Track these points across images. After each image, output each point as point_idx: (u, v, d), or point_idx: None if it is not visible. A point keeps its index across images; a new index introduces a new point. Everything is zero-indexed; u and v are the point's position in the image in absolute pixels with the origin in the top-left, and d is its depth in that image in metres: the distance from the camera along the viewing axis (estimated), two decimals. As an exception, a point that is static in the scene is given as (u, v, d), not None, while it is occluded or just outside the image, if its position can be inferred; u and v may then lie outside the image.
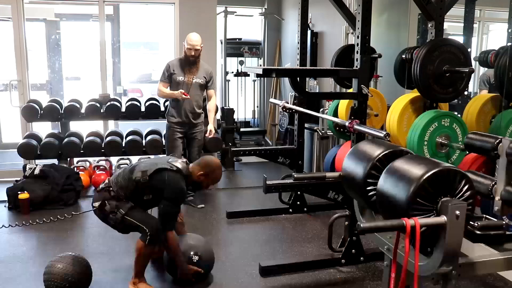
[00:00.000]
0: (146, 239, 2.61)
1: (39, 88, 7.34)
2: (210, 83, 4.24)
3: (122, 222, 2.66)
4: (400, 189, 1.55)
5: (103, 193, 2.72)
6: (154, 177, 2.64)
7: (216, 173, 2.79)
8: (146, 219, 2.67)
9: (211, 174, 2.77)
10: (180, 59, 4.20)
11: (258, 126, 7.60)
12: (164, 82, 4.17)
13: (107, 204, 2.68)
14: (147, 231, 2.61)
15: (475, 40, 4.04)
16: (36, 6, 7.11)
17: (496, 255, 1.94)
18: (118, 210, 2.65)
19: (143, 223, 2.63)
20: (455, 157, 2.73)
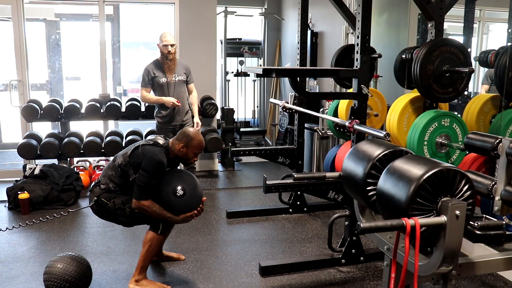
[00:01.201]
0: (159, 229, 2.64)
1: (39, 88, 7.33)
2: (189, 78, 4.27)
3: (132, 215, 2.67)
4: (400, 189, 1.55)
5: (94, 190, 2.74)
6: (132, 155, 2.66)
7: (195, 141, 2.73)
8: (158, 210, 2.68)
9: (191, 143, 2.71)
10: (156, 61, 4.18)
11: (258, 126, 7.61)
12: (146, 87, 4.15)
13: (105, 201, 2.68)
14: (160, 221, 2.64)
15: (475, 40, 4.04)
16: (36, 6, 7.11)
17: (496, 255, 1.94)
18: (125, 205, 2.66)
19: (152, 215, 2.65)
20: (455, 157, 2.73)
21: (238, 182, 5.25)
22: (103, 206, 2.70)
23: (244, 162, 6.20)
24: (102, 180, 2.74)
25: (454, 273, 1.64)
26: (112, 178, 2.72)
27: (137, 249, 3.33)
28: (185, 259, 3.16)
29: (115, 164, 2.72)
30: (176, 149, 2.73)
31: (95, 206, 2.73)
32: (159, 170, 2.62)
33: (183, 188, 2.64)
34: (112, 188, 2.71)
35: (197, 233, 3.65)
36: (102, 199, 2.70)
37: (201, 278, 2.90)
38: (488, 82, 3.85)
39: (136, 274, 2.70)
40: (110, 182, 2.72)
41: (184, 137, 2.73)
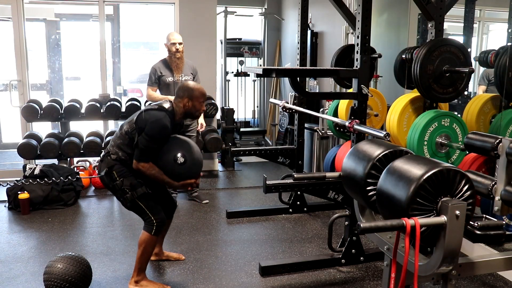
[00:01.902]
0: (152, 229, 2.62)
1: (39, 88, 7.33)
2: (196, 78, 4.25)
3: (132, 202, 2.63)
4: (400, 189, 1.55)
5: (105, 160, 2.67)
6: (138, 120, 2.61)
7: (197, 91, 2.67)
8: (156, 209, 2.66)
9: (193, 94, 2.66)
10: (164, 60, 4.17)
11: (258, 126, 7.61)
12: (152, 86, 4.12)
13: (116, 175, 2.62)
14: (154, 221, 2.62)
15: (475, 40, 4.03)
16: (36, 6, 7.11)
17: (496, 255, 1.94)
18: (131, 191, 2.61)
19: (152, 212, 2.63)
20: (455, 157, 2.73)
21: (238, 182, 5.25)
22: (112, 179, 2.63)
23: (244, 162, 6.20)
24: (112, 150, 2.67)
25: (454, 273, 1.64)
26: (121, 147, 2.65)
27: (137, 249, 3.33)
28: (185, 259, 3.16)
29: (122, 132, 2.67)
30: (182, 106, 2.67)
31: (105, 178, 2.67)
32: (162, 135, 2.57)
33: (184, 155, 2.60)
34: (123, 157, 2.63)
35: (197, 233, 3.65)
36: (114, 172, 2.63)
37: (201, 278, 2.90)
38: (485, 82, 3.85)
39: (134, 275, 2.70)
40: (119, 151, 2.64)
41: (185, 91, 2.67)
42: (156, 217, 2.63)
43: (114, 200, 4.57)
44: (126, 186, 2.61)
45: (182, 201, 4.52)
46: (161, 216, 2.66)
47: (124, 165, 2.65)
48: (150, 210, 2.64)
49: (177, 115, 2.70)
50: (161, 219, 2.65)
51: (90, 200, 4.51)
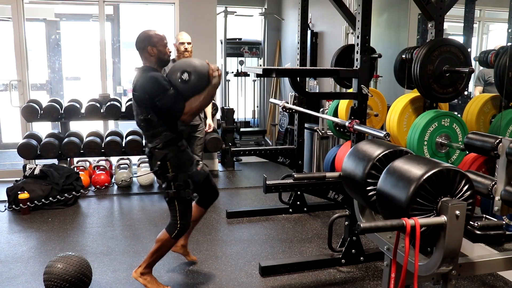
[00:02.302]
0: (174, 232, 2.60)
1: (39, 88, 7.34)
2: None
3: (171, 200, 2.60)
4: (400, 189, 1.55)
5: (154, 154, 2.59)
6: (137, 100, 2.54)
7: (154, 36, 2.61)
8: (186, 214, 2.63)
9: (152, 39, 2.60)
10: (173, 60, 4.06)
11: (258, 126, 7.61)
12: None
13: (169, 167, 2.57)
14: (178, 225, 2.60)
15: (475, 40, 4.04)
16: (36, 6, 7.11)
17: (496, 255, 1.94)
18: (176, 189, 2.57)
19: (181, 216, 2.60)
20: (455, 157, 2.74)
21: (238, 182, 5.25)
22: (165, 170, 2.58)
23: (244, 162, 6.20)
24: (152, 143, 2.59)
25: (454, 273, 1.64)
26: (154, 133, 2.58)
27: (137, 249, 3.34)
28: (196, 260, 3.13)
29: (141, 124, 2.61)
30: (150, 56, 2.61)
31: (158, 171, 2.61)
32: (162, 80, 2.49)
33: (184, 71, 2.53)
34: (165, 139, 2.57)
35: (197, 233, 3.65)
36: (168, 162, 2.57)
37: (201, 278, 2.90)
38: (481, 83, 3.84)
39: (142, 267, 2.67)
40: (156, 137, 2.57)
41: (143, 42, 2.62)
42: (182, 222, 2.61)
43: (114, 200, 4.57)
44: (174, 183, 2.58)
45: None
46: (187, 223, 2.63)
47: (174, 149, 2.59)
48: (181, 214, 2.61)
49: (154, 66, 2.63)
50: (185, 226, 2.62)
51: (90, 200, 4.52)
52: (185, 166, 2.62)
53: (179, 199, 2.59)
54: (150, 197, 4.68)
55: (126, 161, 5.09)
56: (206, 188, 2.86)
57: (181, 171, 2.59)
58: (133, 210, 4.28)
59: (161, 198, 4.61)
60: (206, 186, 2.86)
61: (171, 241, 2.63)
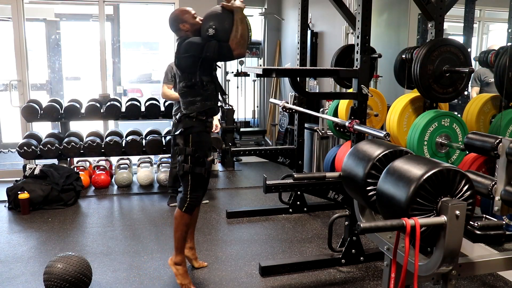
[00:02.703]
0: (184, 206, 2.65)
1: (39, 88, 7.33)
2: None
3: (185, 173, 2.63)
4: (400, 189, 1.55)
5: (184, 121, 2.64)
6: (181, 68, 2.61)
7: (180, 13, 2.68)
8: (197, 190, 2.67)
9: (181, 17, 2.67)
10: None
11: (258, 126, 7.61)
12: (168, 84, 4.08)
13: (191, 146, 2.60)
14: (188, 199, 2.64)
15: (475, 40, 4.03)
16: (36, 6, 7.11)
17: (496, 255, 1.94)
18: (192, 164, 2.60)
19: (192, 190, 2.65)
20: (455, 157, 2.73)
21: (238, 182, 5.25)
22: (185, 142, 2.61)
23: (244, 162, 6.20)
24: (188, 110, 2.63)
25: (454, 273, 1.63)
26: (192, 101, 2.62)
27: (137, 249, 3.34)
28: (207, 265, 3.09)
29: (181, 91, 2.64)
30: (183, 32, 2.66)
31: (178, 136, 2.64)
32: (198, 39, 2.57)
33: (207, 28, 2.57)
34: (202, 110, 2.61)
35: (197, 233, 3.64)
36: (191, 135, 2.61)
37: (201, 278, 2.90)
38: (477, 84, 3.82)
39: (174, 256, 2.74)
40: (194, 104, 2.62)
41: (174, 21, 2.68)
42: (192, 195, 2.66)
43: (114, 200, 4.58)
44: (192, 157, 2.61)
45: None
46: (197, 196, 2.69)
47: (202, 125, 2.64)
48: (192, 188, 2.65)
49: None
50: (196, 198, 2.68)
51: (90, 200, 4.52)
52: (204, 146, 2.67)
53: (193, 174, 2.62)
54: (150, 197, 4.68)
55: (126, 161, 5.09)
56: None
57: (200, 148, 2.64)
58: (133, 210, 4.28)
59: (161, 198, 4.61)
60: None
61: (184, 216, 2.67)
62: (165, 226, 3.82)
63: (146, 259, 3.17)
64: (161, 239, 3.53)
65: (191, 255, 3.03)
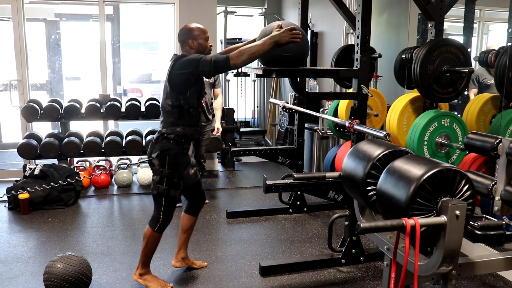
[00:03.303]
0: (156, 226, 2.65)
1: (39, 88, 7.33)
2: (217, 81, 4.16)
3: (159, 194, 2.62)
4: (400, 189, 1.55)
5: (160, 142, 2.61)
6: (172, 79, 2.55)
7: (195, 29, 2.63)
8: (169, 211, 2.68)
9: (193, 33, 2.62)
10: None
11: (258, 126, 7.61)
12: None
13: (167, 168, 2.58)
14: (161, 219, 2.65)
15: (475, 40, 4.03)
16: (36, 6, 7.10)
17: (496, 255, 1.94)
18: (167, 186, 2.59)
19: (164, 211, 2.64)
20: (455, 157, 2.74)
21: (238, 182, 5.25)
22: (162, 164, 2.60)
23: (244, 162, 6.20)
24: (167, 131, 2.61)
25: (454, 273, 1.63)
26: (175, 122, 2.59)
27: (137, 249, 3.33)
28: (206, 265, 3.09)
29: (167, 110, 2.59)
30: (189, 49, 2.63)
31: (154, 159, 2.62)
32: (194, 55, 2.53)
33: None
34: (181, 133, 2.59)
35: (197, 233, 3.65)
36: (167, 157, 2.59)
37: (201, 278, 2.90)
38: (475, 85, 3.81)
39: (139, 268, 2.73)
40: (176, 127, 2.59)
41: (185, 34, 2.63)
42: (164, 216, 2.66)
43: (114, 200, 4.57)
44: (168, 180, 2.60)
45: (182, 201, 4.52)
46: (169, 217, 2.69)
47: (179, 147, 2.61)
48: (164, 209, 2.65)
49: None
50: (167, 219, 2.68)
51: (90, 200, 4.51)
52: (181, 167, 2.67)
53: (167, 196, 2.62)
54: (150, 197, 4.64)
55: (126, 161, 5.09)
56: (195, 193, 2.91)
57: (176, 170, 2.63)
58: (133, 210, 4.28)
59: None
60: (195, 191, 2.90)
61: (155, 235, 2.68)
62: (165, 226, 3.81)
63: (146, 259, 3.17)
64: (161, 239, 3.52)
65: (186, 264, 3.03)
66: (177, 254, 3.00)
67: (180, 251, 2.99)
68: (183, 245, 2.99)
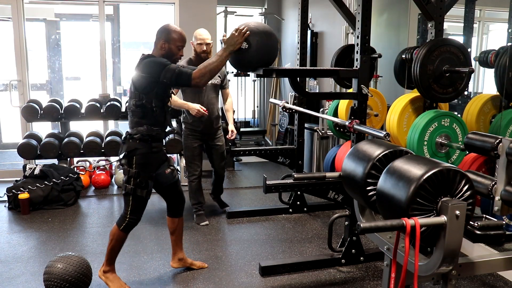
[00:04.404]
0: (122, 225, 2.65)
1: (39, 88, 7.34)
2: (225, 83, 3.96)
3: (126, 194, 2.63)
4: (400, 189, 1.55)
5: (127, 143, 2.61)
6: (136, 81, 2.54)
7: (175, 33, 2.58)
8: (137, 211, 2.67)
9: (170, 35, 2.57)
10: (190, 60, 3.77)
11: (258, 126, 7.61)
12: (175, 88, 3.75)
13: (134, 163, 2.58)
14: (127, 218, 2.65)
15: (475, 40, 4.03)
16: (36, 6, 7.11)
17: (496, 255, 1.94)
18: (134, 186, 2.59)
19: (132, 210, 2.65)
20: (455, 157, 2.74)
21: (238, 182, 5.25)
22: (129, 164, 2.60)
23: (244, 162, 6.20)
24: (133, 131, 2.61)
25: (454, 273, 1.64)
26: (140, 122, 2.60)
27: (137, 249, 3.34)
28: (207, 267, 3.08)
29: (132, 109, 2.59)
30: (159, 48, 2.59)
31: (122, 160, 2.63)
32: (161, 59, 2.51)
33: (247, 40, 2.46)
34: (146, 134, 2.58)
35: (197, 233, 3.65)
36: (134, 158, 2.59)
37: (201, 278, 2.90)
38: None
39: (104, 265, 2.73)
40: (140, 126, 2.59)
41: (163, 33, 2.60)
42: (131, 216, 2.65)
43: (114, 200, 4.57)
44: (134, 180, 2.60)
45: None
46: (136, 218, 2.68)
47: (146, 146, 2.60)
48: (132, 209, 2.65)
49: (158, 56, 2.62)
50: (134, 220, 2.67)
51: (90, 200, 4.51)
52: (150, 167, 2.64)
53: (134, 195, 2.62)
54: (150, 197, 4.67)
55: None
56: (173, 193, 2.89)
57: (144, 171, 2.61)
58: (133, 210, 4.27)
59: (161, 198, 4.60)
60: (172, 192, 2.88)
61: (121, 234, 2.68)
62: (165, 226, 3.81)
63: (146, 259, 3.17)
64: (161, 239, 3.53)
65: (184, 264, 3.02)
66: (173, 255, 3.01)
67: (176, 253, 2.99)
68: (176, 246, 2.99)
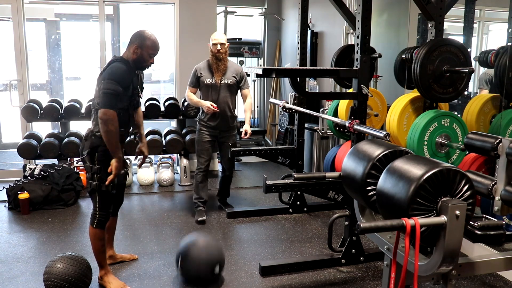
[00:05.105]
0: (94, 222, 2.66)
1: (39, 88, 7.34)
2: (242, 83, 4.02)
3: (92, 190, 2.64)
4: (400, 189, 1.55)
5: (90, 140, 2.66)
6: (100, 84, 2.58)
7: (148, 40, 2.62)
8: (105, 206, 2.69)
9: (144, 42, 2.61)
10: (207, 61, 3.95)
11: (258, 126, 7.60)
12: (192, 87, 3.94)
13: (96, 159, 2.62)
14: (97, 215, 2.66)
15: (475, 40, 4.03)
16: (36, 6, 7.11)
17: (496, 255, 1.94)
18: (98, 181, 2.61)
19: (100, 207, 2.66)
20: (455, 157, 2.73)
21: (238, 182, 5.25)
22: (91, 161, 2.63)
23: (244, 162, 6.20)
24: (95, 128, 2.66)
25: (454, 273, 1.64)
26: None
27: (137, 249, 3.34)
28: (137, 258, 3.16)
29: (96, 108, 2.62)
30: (131, 52, 2.62)
31: (86, 157, 2.65)
32: (122, 75, 2.54)
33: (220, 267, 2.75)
34: None
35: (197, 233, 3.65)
36: (96, 154, 2.62)
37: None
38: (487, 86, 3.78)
39: (99, 270, 2.76)
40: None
41: (137, 38, 2.62)
42: (101, 212, 2.67)
43: (114, 200, 4.57)
44: (98, 175, 2.62)
45: (182, 202, 4.53)
46: (106, 213, 2.70)
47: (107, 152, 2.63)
48: (100, 205, 2.66)
49: (132, 61, 2.65)
50: (104, 216, 2.69)
51: (90, 200, 4.50)
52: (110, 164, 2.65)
53: (100, 191, 2.63)
54: (150, 197, 4.68)
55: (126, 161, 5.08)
56: (116, 193, 2.88)
57: (106, 167, 2.62)
58: (133, 210, 4.28)
59: (161, 198, 4.61)
60: (117, 192, 2.88)
61: (96, 231, 2.68)
62: (165, 226, 3.82)
63: (146, 259, 3.17)
64: (161, 239, 3.53)
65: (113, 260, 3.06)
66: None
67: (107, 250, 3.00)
68: (108, 243, 3.00)
